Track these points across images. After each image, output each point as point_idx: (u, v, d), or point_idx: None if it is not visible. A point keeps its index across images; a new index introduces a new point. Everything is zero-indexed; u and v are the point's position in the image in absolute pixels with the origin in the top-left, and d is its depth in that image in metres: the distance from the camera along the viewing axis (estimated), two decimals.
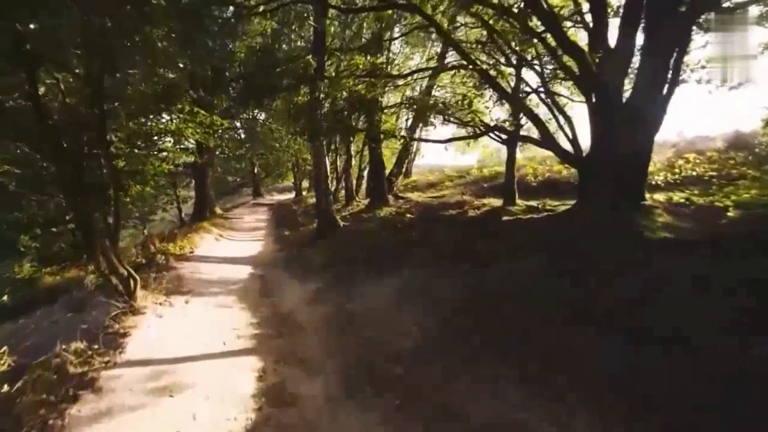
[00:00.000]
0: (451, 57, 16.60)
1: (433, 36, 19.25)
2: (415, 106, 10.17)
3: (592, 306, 4.73)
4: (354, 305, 7.18)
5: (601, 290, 4.86)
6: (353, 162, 20.54)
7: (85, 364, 4.83)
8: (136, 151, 11.66)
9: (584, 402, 3.63)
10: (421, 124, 11.28)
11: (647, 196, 7.17)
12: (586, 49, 7.50)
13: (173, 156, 17.58)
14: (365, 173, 23.21)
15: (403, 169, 20.71)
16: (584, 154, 7.74)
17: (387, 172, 18.33)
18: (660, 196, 7.60)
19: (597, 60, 6.73)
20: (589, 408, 3.57)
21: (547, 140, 7.61)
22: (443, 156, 58.96)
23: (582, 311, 4.70)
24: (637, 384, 3.64)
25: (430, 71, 11.78)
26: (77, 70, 7.24)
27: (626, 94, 7.22)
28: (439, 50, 18.57)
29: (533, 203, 9.41)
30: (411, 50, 20.40)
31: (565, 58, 7.33)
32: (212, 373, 5.04)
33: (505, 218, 8.63)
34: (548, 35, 7.45)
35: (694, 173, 9.88)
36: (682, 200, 6.97)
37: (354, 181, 20.64)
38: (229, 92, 18.19)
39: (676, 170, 10.38)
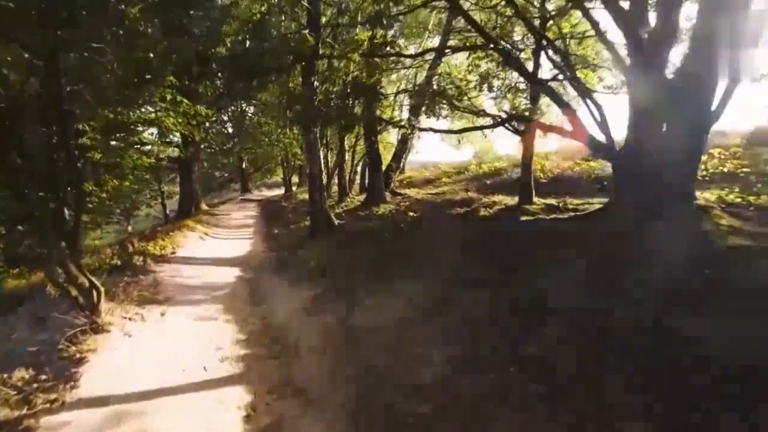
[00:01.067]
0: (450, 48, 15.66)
1: (431, 26, 18.39)
2: (429, 90, 9.13)
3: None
4: (358, 319, 6.21)
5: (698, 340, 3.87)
6: (346, 157, 19.56)
7: (24, 404, 3.81)
8: (113, 143, 10.61)
9: None
10: (423, 115, 10.28)
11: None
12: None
13: (156, 149, 16.48)
14: (358, 168, 22.34)
15: (401, 165, 19.73)
16: (618, 148, 6.83)
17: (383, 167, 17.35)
18: (706, 195, 6.75)
19: (646, 35, 5.85)
20: None
21: (577, 130, 6.70)
22: (435, 152, 57.99)
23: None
24: None
25: (447, 50, 10.75)
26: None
27: None
28: (437, 42, 17.65)
29: (552, 201, 8.51)
30: (405, 42, 19.44)
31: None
32: (189, 412, 4.05)
33: (524, 218, 7.72)
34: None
35: (725, 170, 9.06)
36: (738, 200, 6.14)
37: (347, 177, 19.67)
38: (214, 81, 17.07)
39: (702, 166, 9.57)
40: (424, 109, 10.30)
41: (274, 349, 5.70)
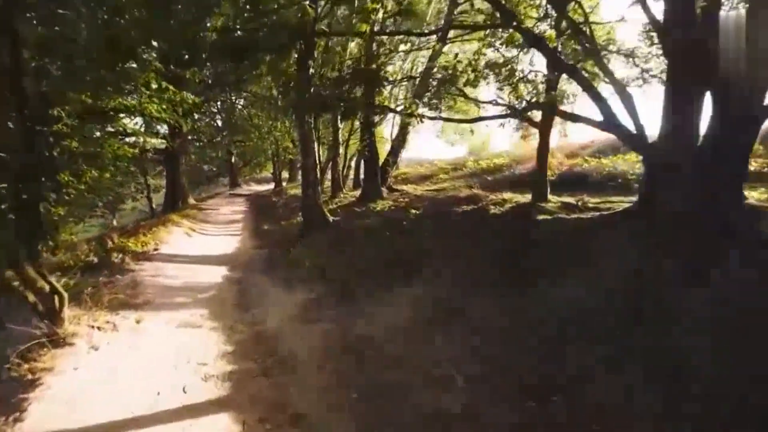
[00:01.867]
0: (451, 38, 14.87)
1: (428, 18, 17.54)
2: (432, 80, 8.43)
3: None
4: (361, 328, 5.50)
5: None
6: (340, 151, 18.79)
7: None
8: (97, 134, 9.81)
9: None
10: (426, 106, 9.58)
11: None
12: None
13: (141, 139, 15.55)
14: (352, 164, 21.69)
15: (398, 159, 19.01)
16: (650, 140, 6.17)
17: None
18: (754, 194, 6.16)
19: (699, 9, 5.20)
20: None
21: (607, 119, 6.03)
22: (428, 149, 57.41)
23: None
24: None
25: (467, 29, 10.01)
26: None
27: None
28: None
29: (569, 200, 7.87)
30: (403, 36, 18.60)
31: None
32: None
33: (540, 218, 7.06)
34: None
35: (750, 168, 8.51)
36: None
37: (341, 172, 18.90)
38: (203, 68, 16.15)
39: None
40: (426, 99, 9.61)
41: (265, 364, 4.95)
